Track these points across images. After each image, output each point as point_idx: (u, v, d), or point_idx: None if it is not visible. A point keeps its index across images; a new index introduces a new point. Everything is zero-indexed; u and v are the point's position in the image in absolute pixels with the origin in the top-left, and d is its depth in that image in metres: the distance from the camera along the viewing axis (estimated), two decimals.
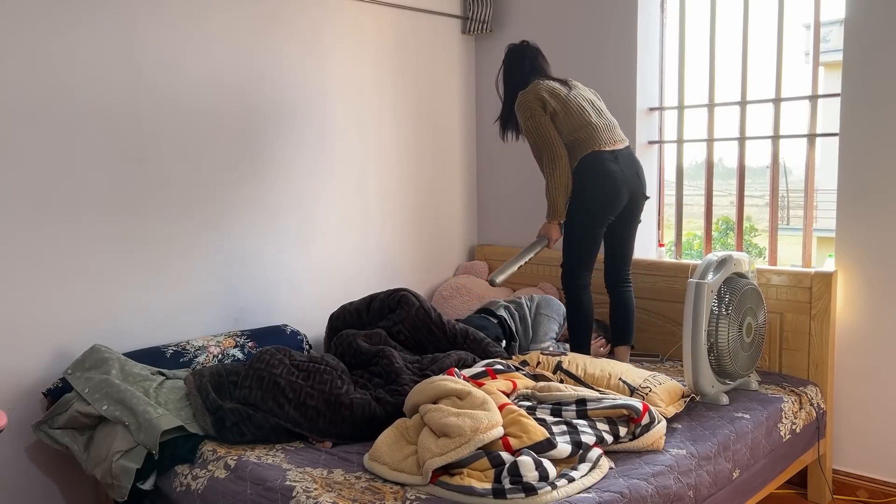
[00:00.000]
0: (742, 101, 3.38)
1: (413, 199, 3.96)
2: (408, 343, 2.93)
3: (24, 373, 2.69)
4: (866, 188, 2.95)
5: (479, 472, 2.01)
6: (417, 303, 2.96)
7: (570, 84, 3.08)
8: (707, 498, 2.30)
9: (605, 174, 2.94)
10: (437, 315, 2.97)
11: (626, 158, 3.00)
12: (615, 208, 2.98)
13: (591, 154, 2.95)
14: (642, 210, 3.12)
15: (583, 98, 3.04)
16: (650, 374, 2.66)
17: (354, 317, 3.03)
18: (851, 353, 3.03)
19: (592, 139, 2.95)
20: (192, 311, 3.12)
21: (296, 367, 2.54)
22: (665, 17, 3.66)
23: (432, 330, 2.94)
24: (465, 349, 2.92)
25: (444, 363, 2.71)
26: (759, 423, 2.60)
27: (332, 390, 2.44)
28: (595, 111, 3.03)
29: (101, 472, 2.41)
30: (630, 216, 3.08)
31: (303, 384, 2.46)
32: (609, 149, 2.96)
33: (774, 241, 3.38)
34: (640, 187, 3.04)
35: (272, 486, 2.10)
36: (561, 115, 2.98)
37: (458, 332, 2.96)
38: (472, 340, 2.95)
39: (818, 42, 3.22)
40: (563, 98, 3.00)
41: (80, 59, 2.75)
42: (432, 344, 2.93)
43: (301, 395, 2.43)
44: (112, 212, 2.87)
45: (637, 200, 3.06)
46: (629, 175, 2.99)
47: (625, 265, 3.16)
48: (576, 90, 3.07)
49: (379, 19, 3.72)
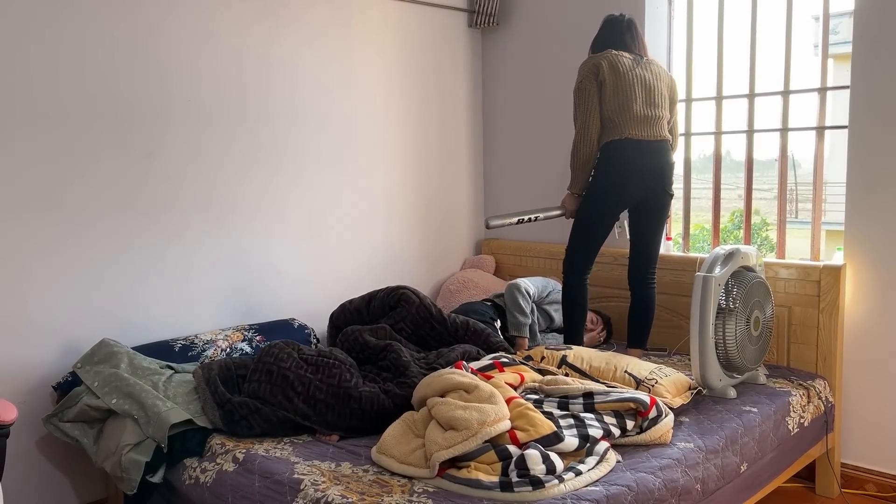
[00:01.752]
0: (750, 94, 3.36)
1: (420, 192, 3.96)
2: (410, 339, 2.93)
3: (34, 366, 2.71)
4: (875, 181, 2.93)
5: (486, 466, 2.02)
6: (418, 300, 2.97)
7: (643, 63, 2.99)
8: (715, 491, 2.30)
9: (621, 164, 2.93)
10: (437, 311, 2.98)
11: (654, 152, 2.96)
12: (624, 199, 2.98)
13: (616, 141, 2.94)
14: (667, 207, 3.07)
15: (642, 82, 2.96)
16: (656, 366, 2.66)
17: (355, 315, 3.03)
18: (860, 346, 3.02)
19: (624, 126, 2.93)
20: (200, 306, 3.13)
21: (304, 360, 2.55)
22: (673, 9, 3.64)
23: (434, 326, 2.95)
24: (466, 341, 2.93)
25: (450, 357, 2.72)
26: (766, 417, 2.60)
27: (340, 383, 2.45)
28: (647, 99, 2.96)
29: (110, 465, 2.43)
30: (650, 211, 3.04)
31: (311, 377, 2.47)
32: (637, 138, 2.93)
33: (783, 234, 3.37)
34: (662, 183, 3.00)
35: (280, 479, 2.11)
36: (610, 89, 2.94)
37: (458, 326, 2.97)
38: (474, 332, 2.97)
39: (827, 34, 3.19)
40: (621, 73, 2.94)
41: (88, 53, 2.76)
42: (434, 339, 2.94)
43: (310, 389, 2.44)
44: (120, 206, 2.88)
45: (657, 196, 3.02)
46: (651, 168, 2.96)
47: (648, 264, 3.12)
48: (643, 70, 2.98)
49: (385, 13, 3.72)
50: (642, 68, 2.99)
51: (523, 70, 4.02)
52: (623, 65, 2.95)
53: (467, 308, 3.32)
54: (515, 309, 3.24)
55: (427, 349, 2.91)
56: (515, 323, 3.24)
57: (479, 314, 3.21)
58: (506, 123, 4.13)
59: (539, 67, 3.95)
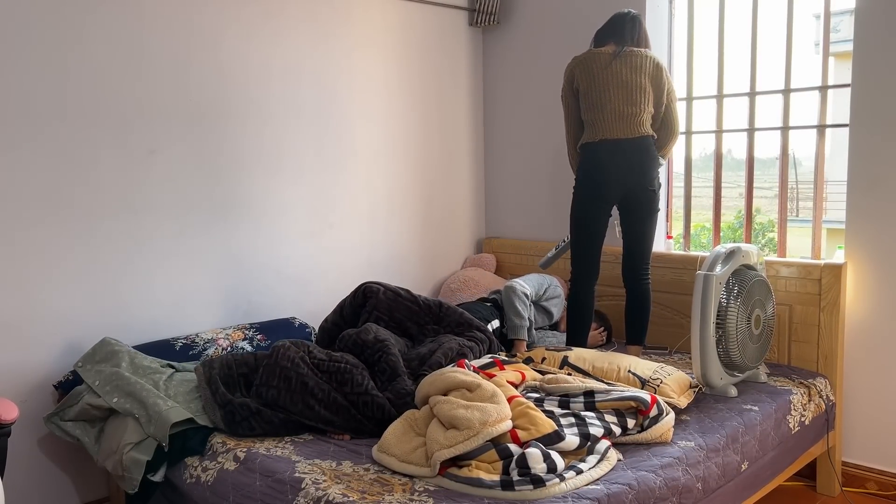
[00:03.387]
0: (751, 92, 3.36)
1: (421, 191, 3.96)
2: (389, 326, 2.93)
3: (36, 366, 2.71)
4: (877, 180, 2.93)
5: (487, 464, 2.02)
6: (382, 287, 2.98)
7: (622, 56, 2.96)
8: (715, 490, 2.30)
9: (596, 165, 2.99)
10: (405, 291, 3.00)
11: (631, 150, 2.96)
12: (604, 198, 3.00)
13: (591, 143, 3.00)
14: (651, 202, 3.03)
15: (618, 79, 2.95)
16: (658, 365, 2.66)
17: (335, 330, 3.01)
18: (861, 345, 3.02)
19: (599, 127, 2.97)
20: (201, 304, 3.13)
21: (316, 366, 2.53)
22: (674, 7, 3.63)
23: (408, 306, 2.96)
24: (441, 319, 2.96)
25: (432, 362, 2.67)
26: (767, 416, 2.59)
27: (353, 388, 2.44)
28: (624, 97, 2.95)
29: (111, 463, 2.43)
30: (634, 208, 3.04)
31: (327, 386, 2.46)
32: (612, 138, 2.95)
33: (784, 232, 3.37)
34: (641, 180, 2.98)
35: (281, 478, 2.11)
36: (583, 93, 3.01)
37: (431, 304, 2.99)
38: (447, 308, 2.99)
39: (828, 32, 3.19)
40: (595, 74, 2.97)
41: (88, 53, 2.76)
42: (411, 319, 2.95)
43: (330, 395, 2.44)
44: (121, 205, 2.88)
45: (638, 193, 3.00)
46: (628, 165, 2.96)
47: (640, 259, 3.11)
48: (620, 66, 2.95)
49: (386, 11, 3.71)
50: (621, 62, 2.95)
51: (524, 68, 4.02)
52: (598, 63, 2.98)
53: (466, 308, 3.30)
54: (513, 313, 3.23)
55: (408, 331, 2.92)
56: (513, 326, 3.24)
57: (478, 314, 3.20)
58: (507, 121, 4.13)
59: (540, 66, 3.94)
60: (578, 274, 3.08)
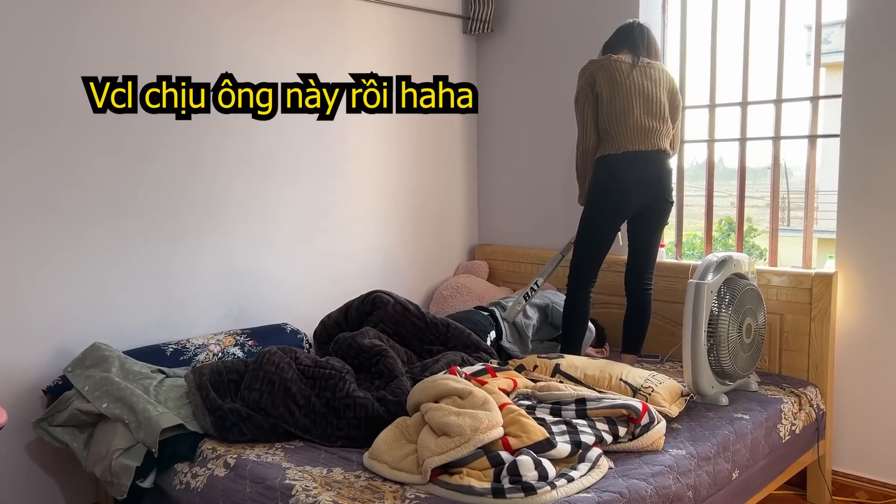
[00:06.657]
0: (743, 102, 3.38)
1: (414, 198, 3.96)
2: (393, 339, 2.92)
3: (25, 370, 2.70)
4: (867, 190, 2.95)
5: (478, 472, 2.02)
6: (392, 299, 2.96)
7: (642, 66, 2.95)
8: (706, 498, 2.30)
9: (620, 176, 2.95)
10: (414, 307, 2.98)
11: (652, 161, 2.97)
12: (626, 210, 2.99)
13: (614, 155, 2.95)
14: (666, 214, 3.09)
15: (640, 91, 2.93)
16: (649, 373, 2.66)
17: (336, 329, 3.01)
18: (851, 354, 3.03)
19: (622, 139, 2.93)
20: (193, 310, 3.12)
21: (302, 372, 2.53)
22: (667, 17, 3.65)
23: (414, 322, 2.94)
24: (448, 338, 2.93)
25: (435, 369, 2.69)
26: (758, 424, 2.60)
27: (335, 394, 2.44)
28: (646, 109, 2.94)
29: (100, 469, 2.42)
30: (651, 219, 3.06)
31: (310, 391, 2.46)
32: (633, 149, 2.93)
33: (775, 241, 3.38)
34: (661, 192, 3.01)
35: (272, 485, 2.10)
36: (606, 100, 2.94)
37: (438, 322, 2.97)
38: (455, 329, 2.96)
39: (819, 43, 3.21)
40: (618, 82, 2.92)
41: (81, 55, 2.75)
42: (416, 336, 2.93)
43: (311, 401, 2.43)
44: (113, 209, 2.87)
45: (657, 204, 3.03)
46: (650, 177, 2.96)
47: (646, 269, 3.13)
48: (641, 77, 2.94)
49: (381, 18, 3.72)
50: (640, 73, 2.96)
51: (518, 76, 4.03)
52: (621, 71, 2.95)
53: (462, 317, 3.27)
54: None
55: (411, 348, 2.91)
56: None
57: (474, 324, 3.18)
58: (500, 129, 4.14)
59: (534, 73, 3.96)
60: (580, 282, 3.07)
